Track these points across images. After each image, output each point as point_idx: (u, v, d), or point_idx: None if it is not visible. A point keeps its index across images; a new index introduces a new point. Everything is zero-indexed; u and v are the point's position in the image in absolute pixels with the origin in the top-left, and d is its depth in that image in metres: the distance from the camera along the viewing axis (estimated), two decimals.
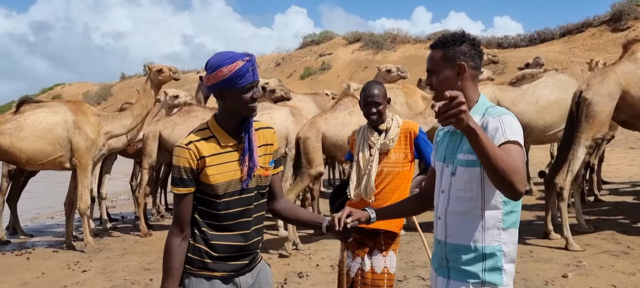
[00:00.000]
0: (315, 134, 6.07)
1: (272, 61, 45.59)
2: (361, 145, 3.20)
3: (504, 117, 1.91)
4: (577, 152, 5.65)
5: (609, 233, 6.06)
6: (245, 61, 2.02)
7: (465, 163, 1.96)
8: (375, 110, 3.09)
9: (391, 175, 3.13)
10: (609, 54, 27.83)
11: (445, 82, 2.01)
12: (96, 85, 52.87)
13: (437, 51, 2.04)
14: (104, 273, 5.61)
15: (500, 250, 1.94)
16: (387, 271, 3.12)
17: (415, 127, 3.18)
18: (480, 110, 1.99)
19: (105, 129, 6.75)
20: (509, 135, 1.85)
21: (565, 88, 6.30)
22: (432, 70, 2.05)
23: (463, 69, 2.00)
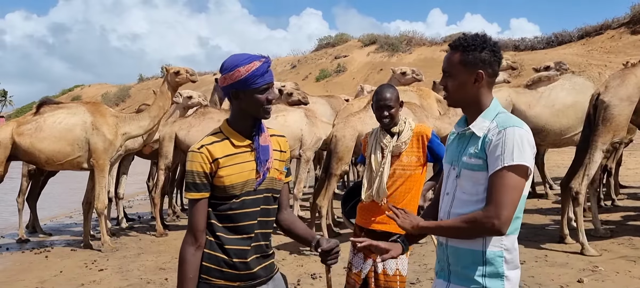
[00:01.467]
0: (351, 133, 6.06)
1: (288, 63, 45.72)
2: (373, 147, 3.22)
3: (508, 130, 1.85)
4: (593, 156, 5.58)
5: (626, 238, 5.99)
6: (262, 62, 2.03)
7: (470, 166, 1.94)
8: (387, 113, 3.11)
9: (403, 178, 3.14)
10: (628, 56, 27.41)
11: (461, 88, 1.98)
12: (115, 87, 53.58)
13: (456, 54, 1.98)
14: (120, 272, 5.69)
15: (501, 256, 1.91)
16: (399, 273, 3.14)
17: (428, 131, 3.19)
18: (490, 115, 1.96)
19: (122, 130, 6.85)
20: (507, 159, 1.82)
21: (582, 91, 6.24)
22: (449, 72, 2.01)
23: (480, 77, 1.96)
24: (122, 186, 8.55)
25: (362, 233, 3.21)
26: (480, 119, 1.96)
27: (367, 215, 3.25)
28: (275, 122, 7.17)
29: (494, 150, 1.85)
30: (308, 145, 7.16)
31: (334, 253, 2.10)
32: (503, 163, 1.82)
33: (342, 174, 6.45)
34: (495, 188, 1.83)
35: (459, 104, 2.05)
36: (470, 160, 1.94)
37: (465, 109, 2.04)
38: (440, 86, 2.10)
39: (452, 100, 2.06)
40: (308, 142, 7.15)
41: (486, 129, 1.93)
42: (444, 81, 2.04)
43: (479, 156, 1.91)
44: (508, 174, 1.81)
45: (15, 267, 6.17)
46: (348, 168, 7.16)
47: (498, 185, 1.82)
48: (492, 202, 1.82)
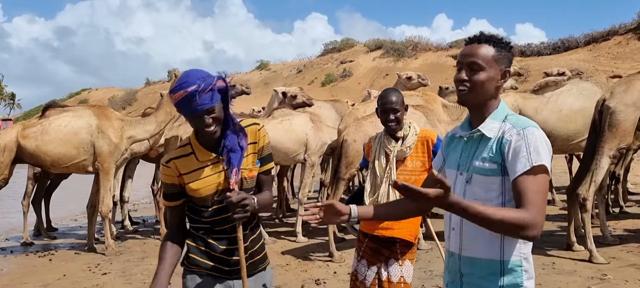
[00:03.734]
0: (362, 138, 6.02)
1: (294, 68, 45.80)
2: (377, 152, 3.17)
3: (528, 130, 1.78)
4: (600, 162, 5.52)
5: (635, 246, 5.91)
6: (187, 92, 2.00)
7: (483, 171, 1.86)
8: (393, 117, 3.06)
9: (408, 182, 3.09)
10: (636, 62, 27.33)
11: (490, 83, 1.89)
12: (121, 91, 53.86)
13: (489, 48, 1.89)
14: (123, 276, 5.67)
15: (520, 265, 1.83)
16: (403, 281, 3.09)
17: (433, 135, 3.15)
18: (500, 116, 1.88)
19: (128, 134, 6.84)
20: (535, 159, 1.73)
21: (590, 96, 6.17)
22: (481, 66, 1.87)
23: (507, 77, 1.91)
24: (127, 189, 8.55)
25: (366, 240, 3.16)
26: (489, 120, 1.89)
27: (371, 220, 3.21)
28: (280, 126, 7.15)
29: (518, 152, 1.77)
30: (313, 149, 7.13)
31: (240, 205, 2.08)
32: (532, 163, 1.73)
33: (350, 179, 6.40)
34: (530, 191, 1.72)
35: (476, 101, 1.91)
36: (483, 165, 1.86)
37: (475, 110, 1.94)
38: (447, 90, 2.03)
39: (473, 96, 1.90)
40: (313, 147, 7.12)
41: (497, 130, 1.86)
42: (470, 74, 1.89)
43: (494, 160, 1.84)
44: (538, 175, 1.74)
45: (19, 270, 6.16)
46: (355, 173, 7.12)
47: (532, 187, 1.72)
48: (533, 203, 1.71)
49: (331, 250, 6.06)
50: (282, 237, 7.42)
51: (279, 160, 7.39)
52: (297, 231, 7.17)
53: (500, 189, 1.83)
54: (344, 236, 7.16)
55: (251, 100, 24.55)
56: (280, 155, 7.17)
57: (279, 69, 47.13)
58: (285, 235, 7.47)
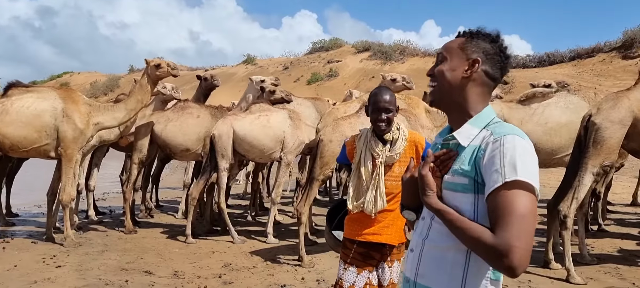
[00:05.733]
0: (339, 139, 5.77)
1: (280, 64, 45.46)
2: (363, 154, 2.94)
3: (507, 139, 1.47)
4: (583, 179, 5.35)
5: (613, 266, 5.75)
6: None
7: (452, 185, 1.57)
8: (385, 117, 2.84)
9: (394, 189, 2.89)
10: (618, 80, 27.54)
11: (452, 73, 1.64)
12: (104, 76, 52.99)
13: (458, 39, 1.68)
14: (78, 271, 5.33)
15: None
16: (392, 282, 3.00)
17: (422, 140, 2.98)
18: (481, 123, 1.60)
19: (95, 120, 6.50)
20: (509, 173, 1.42)
21: (577, 110, 6.00)
22: (443, 56, 1.67)
23: (475, 66, 1.62)
24: (93, 178, 8.19)
25: (354, 246, 2.96)
26: (467, 126, 1.61)
27: (356, 226, 2.99)
28: (258, 122, 6.86)
29: (490, 164, 1.47)
30: (289, 148, 6.85)
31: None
32: (504, 178, 1.42)
33: (325, 180, 6.15)
34: (501, 211, 1.41)
35: (443, 99, 1.68)
36: (453, 179, 1.57)
37: (451, 113, 1.68)
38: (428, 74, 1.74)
39: (436, 92, 1.69)
40: (290, 145, 6.84)
41: (474, 137, 1.58)
42: (432, 69, 1.69)
43: (465, 173, 1.54)
44: (512, 193, 1.41)
45: None
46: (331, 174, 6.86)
47: (504, 208, 1.41)
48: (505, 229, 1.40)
49: (301, 253, 5.79)
50: (252, 236, 7.13)
51: (254, 156, 7.11)
52: (268, 231, 6.89)
53: (471, 211, 1.53)
54: (316, 239, 6.90)
55: (236, 94, 24.17)
56: (256, 151, 6.89)
57: (266, 64, 46.72)
58: (256, 235, 7.19)
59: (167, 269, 5.50)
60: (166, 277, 5.23)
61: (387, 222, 2.91)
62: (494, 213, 1.44)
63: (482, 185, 1.51)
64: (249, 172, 10.75)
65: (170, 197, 11.36)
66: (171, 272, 5.41)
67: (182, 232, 7.07)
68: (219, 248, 6.46)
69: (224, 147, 6.80)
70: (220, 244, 6.70)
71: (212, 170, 6.93)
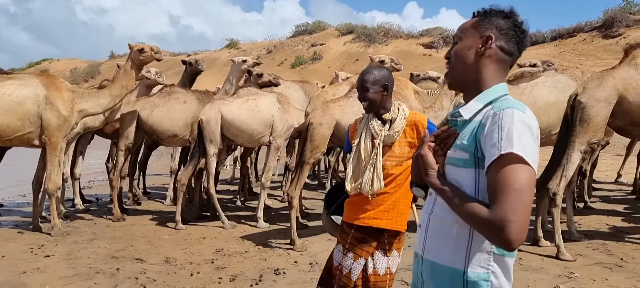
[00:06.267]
0: (329, 121, 5.74)
1: (264, 48, 45.12)
2: (363, 135, 2.91)
3: (506, 112, 1.47)
4: (571, 157, 5.42)
5: (601, 243, 5.83)
6: None
7: (453, 161, 1.59)
8: (363, 95, 2.82)
9: (395, 170, 2.85)
10: (599, 59, 27.84)
11: (466, 52, 1.64)
12: (84, 63, 52.18)
13: (472, 20, 1.68)
14: (68, 260, 5.25)
15: (487, 279, 1.54)
16: (389, 272, 2.93)
17: (423, 119, 2.89)
18: (486, 98, 1.60)
19: (79, 107, 6.37)
20: (505, 146, 1.42)
21: (564, 90, 6.04)
22: (457, 38, 1.68)
23: (489, 42, 1.61)
24: (78, 166, 8.06)
25: (352, 230, 2.92)
26: (473, 102, 1.62)
27: (355, 209, 2.94)
28: (246, 106, 6.79)
29: (489, 138, 1.47)
30: (279, 132, 6.80)
31: None
32: (500, 151, 1.43)
33: (315, 163, 6.13)
34: (497, 185, 1.42)
35: (458, 78, 1.69)
36: (454, 154, 1.59)
37: (466, 91, 1.68)
38: (445, 58, 1.75)
39: (451, 73, 1.70)
40: (279, 129, 6.79)
41: (477, 113, 1.58)
42: (449, 51, 1.71)
43: (465, 148, 1.56)
44: (509, 166, 1.41)
45: None
46: (321, 158, 6.84)
47: (499, 182, 1.42)
48: (500, 204, 1.41)
49: (293, 237, 5.78)
50: (242, 221, 7.10)
51: (242, 141, 7.06)
52: (259, 216, 6.87)
53: (472, 185, 1.54)
54: (307, 223, 6.89)
55: (220, 79, 23.94)
56: (245, 136, 6.83)
57: (249, 48, 46.31)
58: (246, 220, 7.16)
59: (158, 256, 5.45)
60: (158, 264, 5.18)
61: (388, 206, 2.86)
62: (491, 187, 1.46)
63: (482, 159, 1.52)
64: (236, 157, 10.69)
65: (157, 183, 11.26)
66: (162, 258, 5.36)
67: (171, 219, 7.01)
68: (209, 234, 6.42)
69: (212, 132, 6.73)
70: (211, 230, 6.66)
71: (201, 155, 6.86)
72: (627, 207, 7.91)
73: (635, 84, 5.51)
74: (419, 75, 8.99)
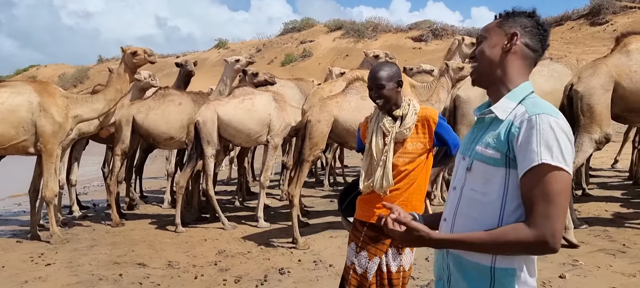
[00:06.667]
0: (327, 118, 5.71)
1: (253, 47, 44.95)
2: (374, 132, 2.88)
3: (542, 118, 1.49)
4: (582, 146, 5.45)
5: (602, 229, 5.86)
6: None
7: (484, 158, 1.60)
8: (378, 93, 2.79)
9: (407, 166, 2.83)
10: (587, 47, 27.99)
11: (492, 50, 1.68)
12: (72, 68, 51.68)
13: (495, 21, 1.73)
14: (69, 267, 5.20)
15: (513, 274, 1.57)
16: (402, 269, 2.90)
17: (434, 114, 2.87)
18: (517, 97, 1.62)
19: (74, 112, 6.30)
20: (545, 156, 1.45)
21: (560, 78, 6.07)
22: (482, 37, 1.72)
23: (514, 39, 1.65)
24: (74, 172, 7.98)
25: (364, 228, 2.90)
26: (504, 100, 1.64)
27: (367, 207, 2.92)
28: (242, 106, 6.75)
29: (526, 143, 1.49)
30: (276, 131, 6.76)
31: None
32: (540, 160, 1.46)
33: (314, 161, 6.11)
34: (536, 194, 1.46)
35: (484, 76, 1.71)
36: (485, 151, 1.60)
37: (490, 88, 1.71)
38: (470, 57, 1.77)
39: (477, 71, 1.72)
40: (276, 128, 6.76)
41: (510, 112, 1.60)
42: (474, 50, 1.74)
43: (497, 148, 1.57)
44: (549, 176, 1.45)
45: None
46: (320, 155, 6.82)
47: (539, 190, 1.46)
48: (538, 215, 1.46)
49: (295, 236, 5.76)
50: (243, 221, 7.06)
51: (240, 141, 7.02)
52: (259, 216, 6.83)
53: (502, 183, 1.56)
54: (308, 221, 6.87)
55: (209, 80, 23.82)
56: (242, 136, 6.80)
57: (238, 47, 46.12)
58: (246, 220, 7.13)
59: (160, 260, 5.41)
60: (161, 268, 5.15)
61: (400, 203, 2.82)
62: (531, 195, 1.48)
63: (513, 160, 1.55)
64: (232, 158, 10.63)
65: (153, 187, 11.18)
66: (165, 262, 5.32)
67: (170, 222, 6.96)
68: (210, 236, 6.38)
69: (209, 133, 6.68)
70: (211, 231, 6.62)
71: (198, 157, 6.81)
72: (625, 192, 7.96)
73: (629, 70, 5.56)
74: (412, 69, 8.98)
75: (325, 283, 4.63)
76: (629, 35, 5.94)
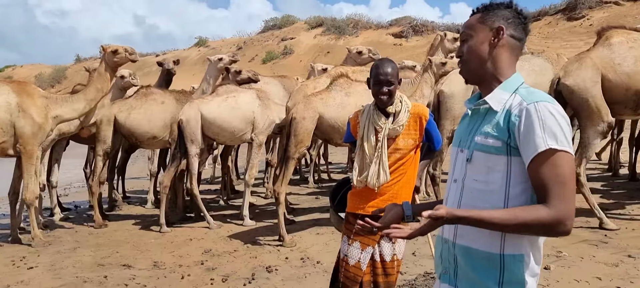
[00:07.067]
0: (312, 115, 5.70)
1: (233, 45, 44.68)
2: (366, 128, 2.90)
3: (541, 106, 1.56)
4: (589, 139, 5.61)
5: (584, 220, 5.95)
6: None
7: (485, 148, 1.64)
8: (386, 89, 2.81)
9: (398, 162, 2.87)
10: (565, 41, 28.41)
11: (478, 48, 1.71)
12: (49, 68, 50.79)
13: (476, 16, 1.75)
14: (52, 270, 5.12)
15: (521, 260, 1.62)
16: (396, 258, 2.95)
17: (425, 112, 2.94)
18: (510, 87, 1.68)
19: (53, 113, 6.19)
20: (550, 141, 1.51)
21: (542, 72, 6.16)
22: (467, 35, 1.74)
23: (501, 32, 1.69)
24: (54, 174, 7.83)
25: (356, 220, 2.90)
26: (498, 91, 1.68)
27: (359, 200, 2.96)
28: (226, 104, 6.71)
29: (530, 131, 1.54)
30: (260, 128, 6.73)
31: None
32: (547, 145, 1.51)
33: (300, 158, 6.09)
34: (550, 180, 1.52)
35: (475, 72, 1.75)
36: (486, 141, 1.64)
37: (482, 83, 1.75)
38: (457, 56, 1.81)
39: (467, 69, 1.75)
40: (260, 126, 6.73)
41: (505, 102, 1.64)
42: (461, 49, 1.76)
43: (498, 137, 1.61)
44: (557, 160, 1.51)
45: None
46: (306, 152, 6.81)
47: (551, 176, 1.51)
48: (555, 196, 1.51)
49: (281, 233, 5.75)
50: (228, 220, 7.02)
51: (224, 140, 6.98)
52: (244, 214, 6.80)
53: (504, 171, 1.61)
54: (294, 218, 6.86)
55: (190, 78, 23.61)
56: (226, 134, 6.75)
57: (219, 45, 45.80)
58: (232, 219, 7.09)
59: (146, 261, 5.36)
60: (146, 269, 5.09)
61: (390, 195, 2.87)
62: (544, 180, 1.53)
63: (514, 148, 1.60)
64: (216, 156, 10.56)
65: (135, 187, 11.05)
66: (150, 263, 5.27)
67: (154, 222, 6.89)
68: (196, 235, 6.34)
69: (192, 132, 6.62)
70: (197, 231, 6.57)
71: (182, 156, 6.75)
72: (604, 183, 8.10)
73: (613, 63, 5.66)
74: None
75: (314, 280, 4.63)
76: (610, 29, 6.05)
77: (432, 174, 6.74)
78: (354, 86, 5.90)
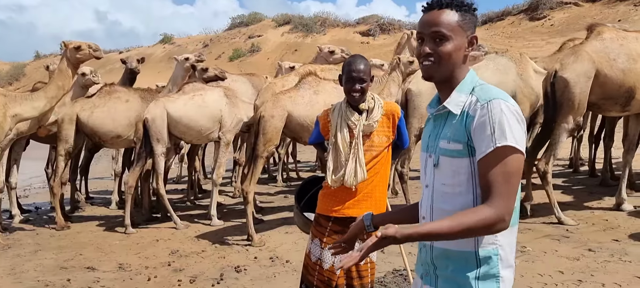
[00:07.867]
0: (281, 113, 5.66)
1: (199, 42, 44.15)
2: (339, 126, 2.88)
3: (493, 104, 1.57)
4: (560, 137, 5.70)
5: (547, 216, 6.10)
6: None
7: (449, 152, 1.66)
8: (360, 87, 2.80)
9: (372, 159, 2.86)
10: (527, 41, 29.13)
11: (457, 53, 1.68)
12: (7, 64, 49.11)
13: (451, 13, 1.67)
14: (12, 274, 4.95)
15: (496, 254, 1.65)
16: (369, 260, 2.93)
17: (397, 110, 2.96)
18: (466, 88, 1.68)
19: (12, 111, 5.98)
20: (499, 138, 1.54)
21: (506, 71, 6.28)
22: (446, 35, 1.66)
23: (474, 44, 1.71)
24: (13, 174, 7.57)
25: (329, 223, 2.89)
26: (455, 94, 1.68)
27: (331, 201, 2.92)
28: (192, 102, 6.61)
29: (481, 129, 1.57)
30: (228, 127, 6.66)
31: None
32: (495, 144, 1.54)
33: (269, 157, 6.06)
34: (494, 178, 1.54)
35: (443, 75, 1.71)
36: (448, 145, 1.66)
37: (443, 84, 1.73)
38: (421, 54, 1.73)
39: (439, 70, 1.69)
40: (228, 124, 6.66)
41: (463, 104, 1.65)
42: (434, 46, 1.67)
43: (459, 139, 1.63)
44: (505, 156, 1.53)
45: None
46: (274, 151, 6.77)
47: (496, 174, 1.53)
48: (498, 194, 1.53)
49: (250, 233, 5.70)
50: (195, 220, 6.93)
51: (191, 138, 6.89)
52: (212, 214, 6.72)
53: (469, 173, 1.63)
54: (262, 218, 6.82)
55: (155, 76, 23.22)
56: (193, 133, 6.66)
57: (184, 43, 45.16)
58: (199, 219, 7.00)
59: (110, 263, 5.24)
60: (111, 271, 4.98)
61: (365, 195, 2.86)
62: (487, 178, 1.55)
63: (474, 148, 1.61)
64: (182, 155, 10.41)
65: (99, 187, 10.79)
66: (115, 265, 5.15)
67: (119, 223, 6.75)
68: (162, 236, 6.23)
69: (158, 131, 6.51)
70: (163, 231, 6.46)
71: (147, 155, 6.62)
72: (565, 179, 8.34)
73: (608, 58, 5.75)
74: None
75: (283, 279, 4.61)
76: (600, 25, 6.18)
77: (400, 172, 6.80)
78: (322, 84, 5.90)
